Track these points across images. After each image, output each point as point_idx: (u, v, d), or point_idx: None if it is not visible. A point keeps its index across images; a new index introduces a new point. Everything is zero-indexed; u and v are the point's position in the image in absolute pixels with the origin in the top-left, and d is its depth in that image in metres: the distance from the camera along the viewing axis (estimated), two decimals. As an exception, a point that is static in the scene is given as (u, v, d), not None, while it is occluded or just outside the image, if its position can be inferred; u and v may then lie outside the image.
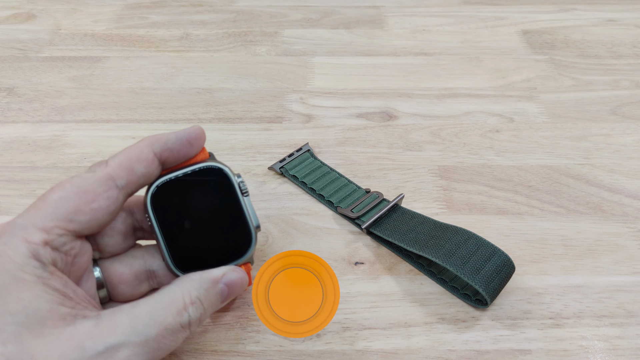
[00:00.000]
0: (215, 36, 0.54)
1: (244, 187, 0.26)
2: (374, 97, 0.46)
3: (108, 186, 0.24)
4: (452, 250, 0.31)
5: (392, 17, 0.57)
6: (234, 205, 0.26)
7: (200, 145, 0.26)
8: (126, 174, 0.24)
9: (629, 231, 0.35)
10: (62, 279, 0.23)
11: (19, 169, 0.40)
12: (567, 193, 0.38)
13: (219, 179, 0.26)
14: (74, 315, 0.22)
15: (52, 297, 0.22)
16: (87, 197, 0.23)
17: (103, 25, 0.56)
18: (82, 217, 0.23)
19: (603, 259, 0.34)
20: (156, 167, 0.25)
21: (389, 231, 0.34)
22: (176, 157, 0.25)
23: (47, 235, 0.22)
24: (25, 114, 0.45)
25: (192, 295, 0.23)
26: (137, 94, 0.47)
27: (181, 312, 0.23)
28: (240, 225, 0.26)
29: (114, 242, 0.26)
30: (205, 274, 0.25)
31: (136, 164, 0.24)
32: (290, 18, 0.57)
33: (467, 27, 0.56)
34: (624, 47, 0.52)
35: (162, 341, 0.22)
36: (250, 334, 0.30)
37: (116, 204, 0.24)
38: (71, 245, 0.24)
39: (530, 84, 0.48)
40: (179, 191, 0.26)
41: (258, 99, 0.46)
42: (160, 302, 0.23)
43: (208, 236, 0.26)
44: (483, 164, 0.40)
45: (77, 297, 0.23)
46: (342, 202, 0.36)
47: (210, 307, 0.24)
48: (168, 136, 0.25)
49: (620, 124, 0.44)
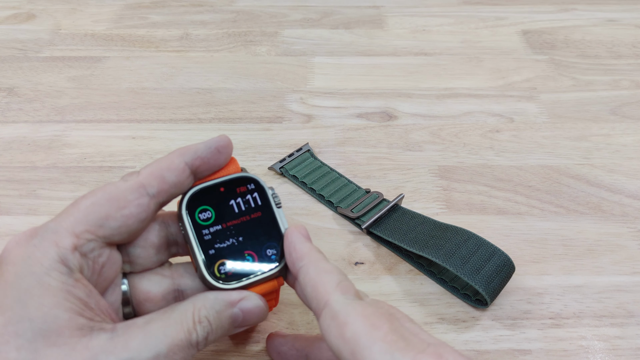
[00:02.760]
0: (215, 36, 0.54)
1: (277, 199, 0.27)
2: (374, 97, 0.46)
3: (139, 194, 0.24)
4: (452, 251, 0.31)
5: (392, 17, 0.57)
6: (268, 216, 0.26)
7: (228, 153, 0.26)
8: (157, 182, 0.24)
9: (629, 231, 0.35)
10: (87, 288, 0.22)
11: (19, 169, 0.40)
12: (567, 193, 0.38)
13: (254, 189, 0.26)
14: (91, 327, 0.22)
15: (73, 306, 0.21)
16: (118, 204, 0.23)
17: (103, 25, 0.56)
18: (112, 223, 0.23)
19: (603, 259, 0.34)
20: (187, 177, 0.25)
21: (388, 231, 0.34)
22: (207, 165, 0.26)
23: (77, 240, 0.22)
24: (25, 114, 0.45)
25: (201, 315, 0.23)
26: (137, 94, 0.47)
27: (190, 330, 0.23)
28: (274, 237, 0.26)
29: (146, 254, 0.26)
30: (222, 294, 0.24)
31: (167, 172, 0.24)
32: (290, 18, 0.57)
33: (467, 27, 0.56)
34: (624, 47, 0.52)
35: (173, 357, 0.22)
36: (250, 334, 0.30)
37: (147, 212, 0.24)
38: (99, 252, 0.23)
39: (530, 84, 0.48)
40: (213, 200, 0.26)
41: (258, 99, 0.46)
42: (172, 318, 0.23)
43: (242, 245, 0.26)
44: (483, 164, 0.40)
45: (97, 308, 0.23)
46: (342, 202, 0.36)
47: (219, 330, 0.24)
48: (197, 146, 0.25)
49: (620, 124, 0.44)
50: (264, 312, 0.25)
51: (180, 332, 0.22)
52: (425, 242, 0.32)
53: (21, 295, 0.21)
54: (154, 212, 0.25)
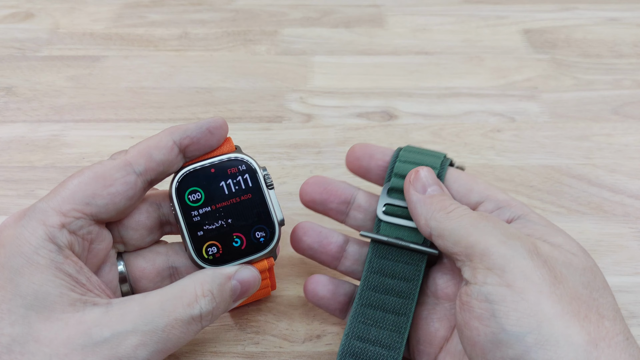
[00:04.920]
0: (215, 35, 0.54)
1: (269, 180, 0.26)
2: (374, 97, 0.46)
3: (126, 172, 0.24)
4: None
5: (392, 16, 0.57)
6: (258, 198, 0.26)
7: (221, 135, 0.26)
8: (144, 160, 0.24)
9: (631, 231, 0.35)
10: (77, 265, 0.23)
11: (17, 168, 0.39)
12: (569, 193, 0.38)
13: (245, 171, 0.26)
14: (84, 302, 0.22)
15: (64, 282, 0.22)
16: (104, 182, 0.24)
17: (102, 25, 0.55)
18: (99, 201, 0.24)
19: (605, 259, 0.33)
20: (176, 155, 0.25)
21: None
22: (197, 145, 0.26)
23: (65, 218, 0.23)
24: (24, 114, 0.44)
25: (205, 288, 0.23)
26: (135, 93, 0.47)
27: (192, 303, 0.23)
28: (264, 219, 0.26)
29: (138, 235, 0.27)
30: (219, 269, 0.25)
31: (154, 150, 0.25)
32: (290, 17, 0.57)
33: (468, 26, 0.55)
34: (625, 47, 0.52)
35: (171, 332, 0.22)
36: (249, 335, 0.30)
37: (134, 189, 0.24)
38: (88, 230, 0.24)
39: (532, 84, 0.48)
40: (203, 181, 0.26)
41: (257, 98, 0.46)
42: (171, 293, 0.23)
43: (231, 228, 0.26)
44: (484, 164, 0.40)
45: (90, 284, 0.23)
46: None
47: (223, 303, 0.24)
48: (188, 125, 0.26)
49: (622, 123, 0.43)
50: (259, 281, 0.26)
51: (179, 307, 0.22)
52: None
53: (12, 275, 0.21)
54: (142, 190, 0.25)
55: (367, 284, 0.27)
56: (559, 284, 0.21)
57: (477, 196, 0.27)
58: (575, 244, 0.24)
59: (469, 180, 0.27)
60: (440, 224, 0.24)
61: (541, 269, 0.21)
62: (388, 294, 0.26)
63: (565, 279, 0.21)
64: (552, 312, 0.20)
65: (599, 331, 0.20)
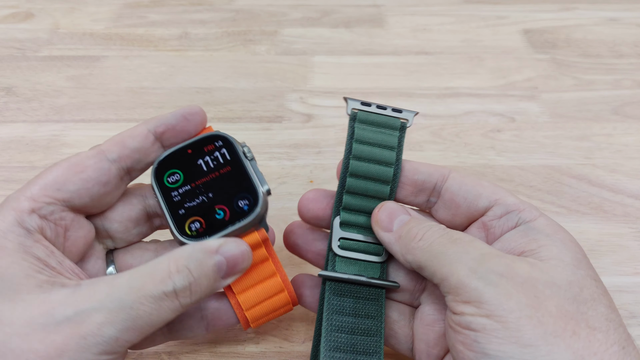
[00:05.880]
0: (215, 35, 0.54)
1: (248, 153, 0.26)
2: (375, 97, 0.46)
3: (99, 159, 0.25)
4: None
5: (392, 16, 0.57)
6: (238, 169, 0.26)
7: (198, 121, 0.26)
8: (117, 148, 0.25)
9: (631, 232, 0.35)
10: (48, 249, 0.23)
11: (18, 168, 0.39)
12: (569, 193, 0.38)
13: (222, 146, 0.26)
14: (52, 283, 0.22)
15: (31, 265, 0.22)
16: (76, 169, 0.24)
17: (102, 25, 0.55)
18: (70, 187, 0.24)
19: (605, 259, 0.33)
20: (152, 143, 0.26)
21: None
22: (173, 132, 0.26)
23: (35, 203, 0.23)
24: (24, 114, 0.44)
25: (180, 264, 0.22)
26: (135, 93, 0.47)
27: (165, 279, 0.21)
28: (246, 187, 0.25)
29: (124, 227, 0.26)
30: (200, 244, 0.23)
31: (128, 139, 0.25)
32: (290, 17, 0.57)
33: (468, 26, 0.55)
34: (625, 47, 0.52)
35: (140, 308, 0.21)
36: (249, 335, 0.30)
37: (108, 175, 0.25)
38: (60, 215, 0.24)
39: (532, 84, 0.48)
40: (181, 163, 0.26)
41: (258, 98, 0.46)
42: (142, 270, 0.22)
43: (212, 201, 0.25)
44: (484, 164, 0.40)
45: (61, 267, 0.23)
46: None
47: (205, 280, 0.22)
48: (164, 114, 0.26)
49: (622, 123, 0.43)
50: (248, 256, 0.24)
51: (149, 283, 0.21)
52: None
53: None
54: (117, 178, 0.25)
55: (330, 325, 0.25)
56: (540, 305, 0.21)
57: (486, 201, 0.26)
58: (569, 255, 0.23)
59: (475, 185, 0.27)
60: (415, 256, 0.24)
61: (518, 294, 0.21)
62: (354, 334, 0.25)
63: (548, 298, 0.21)
64: (533, 336, 0.20)
65: (590, 346, 0.20)
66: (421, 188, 0.27)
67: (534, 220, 0.25)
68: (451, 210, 0.27)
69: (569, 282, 0.22)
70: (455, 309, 0.22)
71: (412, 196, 0.28)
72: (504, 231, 0.25)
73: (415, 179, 0.27)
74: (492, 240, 0.26)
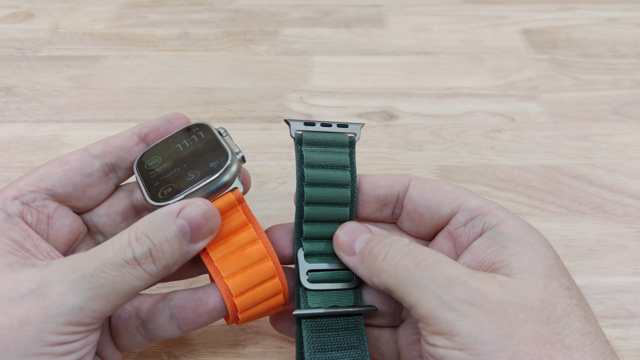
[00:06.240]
0: (215, 35, 0.54)
1: (223, 132, 0.27)
2: (375, 97, 0.46)
3: (82, 154, 0.26)
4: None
5: (392, 16, 0.57)
6: (212, 142, 0.26)
7: (181, 124, 0.28)
8: (101, 146, 0.27)
9: (631, 231, 0.35)
10: (25, 232, 0.24)
11: (18, 169, 0.39)
12: (569, 193, 0.38)
13: (198, 129, 0.27)
14: (23, 264, 0.22)
15: (5, 246, 0.22)
16: (60, 162, 0.26)
17: (102, 25, 0.55)
18: (53, 176, 0.25)
19: (605, 259, 0.33)
20: (136, 142, 0.27)
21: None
22: (156, 133, 0.28)
23: (18, 191, 0.24)
24: (24, 114, 0.44)
25: (139, 232, 0.22)
26: (135, 93, 0.47)
27: (124, 247, 0.21)
28: (218, 153, 0.25)
29: (112, 221, 0.27)
30: (161, 209, 0.23)
31: (112, 139, 0.27)
32: (290, 17, 0.57)
33: (468, 26, 0.55)
34: (625, 47, 0.52)
35: (102, 276, 0.21)
36: (249, 335, 0.30)
37: (91, 167, 0.26)
38: (43, 203, 0.25)
39: (532, 84, 0.48)
40: (161, 150, 0.27)
41: (257, 98, 0.46)
42: (106, 243, 0.22)
43: (185, 170, 0.25)
44: (484, 164, 0.40)
45: (36, 250, 0.23)
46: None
47: (166, 245, 0.22)
48: (149, 120, 0.28)
49: (622, 123, 0.43)
50: (213, 216, 0.23)
51: (109, 252, 0.21)
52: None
53: None
54: (101, 171, 0.26)
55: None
56: (514, 333, 0.20)
57: (449, 208, 0.25)
58: (540, 264, 0.22)
59: (436, 192, 0.25)
60: (381, 279, 0.23)
61: (490, 324, 0.20)
62: None
63: (521, 324, 0.20)
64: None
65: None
66: (384, 202, 0.27)
67: (500, 224, 0.24)
68: (415, 221, 0.26)
69: (541, 301, 0.21)
70: (429, 340, 0.21)
71: (377, 212, 0.27)
72: (470, 239, 0.24)
73: (377, 194, 0.26)
74: (460, 250, 0.25)
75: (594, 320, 0.22)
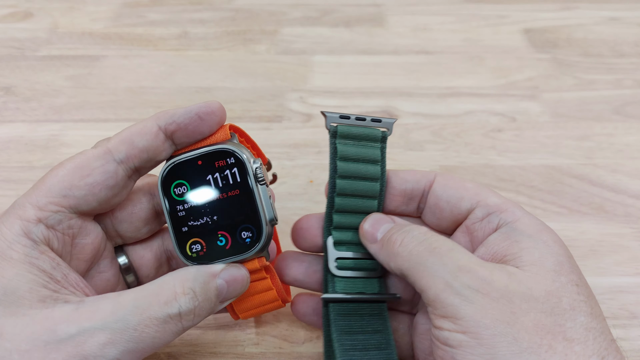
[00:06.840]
0: (214, 35, 0.54)
1: (259, 175, 0.25)
2: (375, 96, 0.46)
3: (105, 160, 0.23)
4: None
5: (392, 16, 0.57)
6: (246, 195, 0.25)
7: (214, 121, 0.24)
8: (125, 147, 0.23)
9: (632, 232, 0.35)
10: (54, 261, 0.22)
11: (16, 168, 0.39)
12: (570, 193, 0.37)
13: (233, 164, 0.24)
14: (55, 299, 0.21)
15: (35, 278, 0.21)
16: (82, 172, 0.23)
17: (101, 24, 0.55)
18: (77, 192, 0.23)
19: (606, 259, 0.33)
20: (162, 142, 0.24)
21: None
22: (184, 132, 0.24)
23: (41, 212, 0.22)
24: (23, 114, 0.44)
25: (186, 286, 0.22)
26: (135, 93, 0.46)
27: (170, 301, 0.21)
28: (251, 218, 0.25)
29: (134, 227, 0.26)
30: (203, 267, 0.23)
31: (137, 137, 0.23)
32: (289, 16, 0.57)
33: (469, 25, 0.55)
34: (626, 46, 0.52)
35: (144, 330, 0.21)
36: (249, 336, 0.30)
37: (115, 178, 0.23)
38: (69, 224, 0.23)
39: (533, 83, 0.47)
40: (190, 174, 0.25)
41: (257, 98, 0.46)
42: (148, 290, 0.22)
43: (216, 225, 0.25)
44: (485, 164, 0.40)
45: (66, 281, 0.22)
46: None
47: (207, 303, 0.22)
48: (176, 110, 0.24)
49: (623, 123, 0.43)
50: (247, 280, 0.24)
51: (154, 304, 0.21)
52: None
53: None
54: (126, 178, 0.24)
55: (342, 346, 0.25)
56: (516, 321, 0.20)
57: (468, 204, 0.26)
58: (551, 259, 0.23)
59: (458, 188, 0.26)
60: (396, 263, 0.24)
61: (493, 310, 0.21)
62: (368, 350, 0.25)
63: (525, 313, 0.21)
64: (507, 353, 0.20)
65: (567, 359, 0.20)
66: (410, 196, 0.27)
67: (515, 221, 0.24)
68: (436, 214, 0.27)
69: (547, 293, 0.21)
70: (435, 323, 0.22)
71: (403, 206, 0.28)
72: (486, 234, 0.25)
73: (404, 188, 0.27)
74: (476, 244, 0.25)
75: (601, 318, 0.22)
